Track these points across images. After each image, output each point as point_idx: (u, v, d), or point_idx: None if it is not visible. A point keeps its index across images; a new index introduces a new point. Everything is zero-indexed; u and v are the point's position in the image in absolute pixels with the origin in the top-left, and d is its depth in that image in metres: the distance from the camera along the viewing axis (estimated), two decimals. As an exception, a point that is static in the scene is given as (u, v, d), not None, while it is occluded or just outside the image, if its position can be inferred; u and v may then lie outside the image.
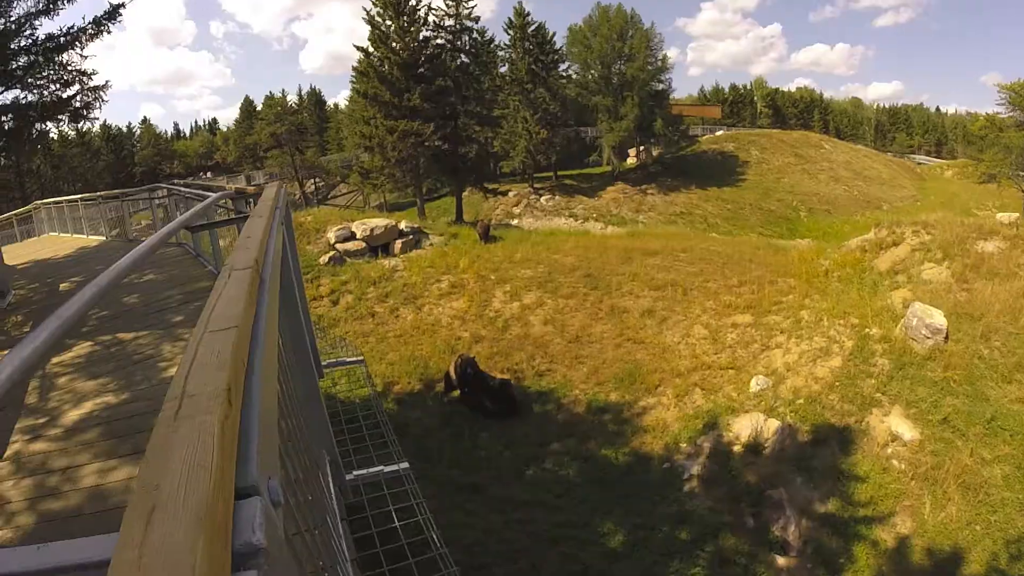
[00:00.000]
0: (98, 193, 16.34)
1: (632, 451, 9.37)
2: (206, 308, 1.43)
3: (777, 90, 79.79)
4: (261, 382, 1.30)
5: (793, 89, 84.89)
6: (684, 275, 14.92)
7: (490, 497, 8.37)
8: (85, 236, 15.52)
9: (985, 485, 7.67)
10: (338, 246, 16.61)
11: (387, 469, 5.60)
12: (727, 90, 76.42)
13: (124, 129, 69.96)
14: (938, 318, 9.75)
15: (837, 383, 9.59)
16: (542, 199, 39.21)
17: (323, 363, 7.95)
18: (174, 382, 1.03)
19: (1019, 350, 9.45)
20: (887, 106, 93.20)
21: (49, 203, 18.28)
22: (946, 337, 9.69)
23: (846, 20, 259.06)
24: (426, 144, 29.04)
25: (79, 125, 13.89)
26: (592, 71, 42.00)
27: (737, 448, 9.09)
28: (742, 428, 9.34)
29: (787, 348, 11.05)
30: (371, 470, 5.54)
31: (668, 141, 41.68)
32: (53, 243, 15.61)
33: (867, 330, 10.48)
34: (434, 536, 4.96)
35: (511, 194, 38.30)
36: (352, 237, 17.04)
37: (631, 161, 45.58)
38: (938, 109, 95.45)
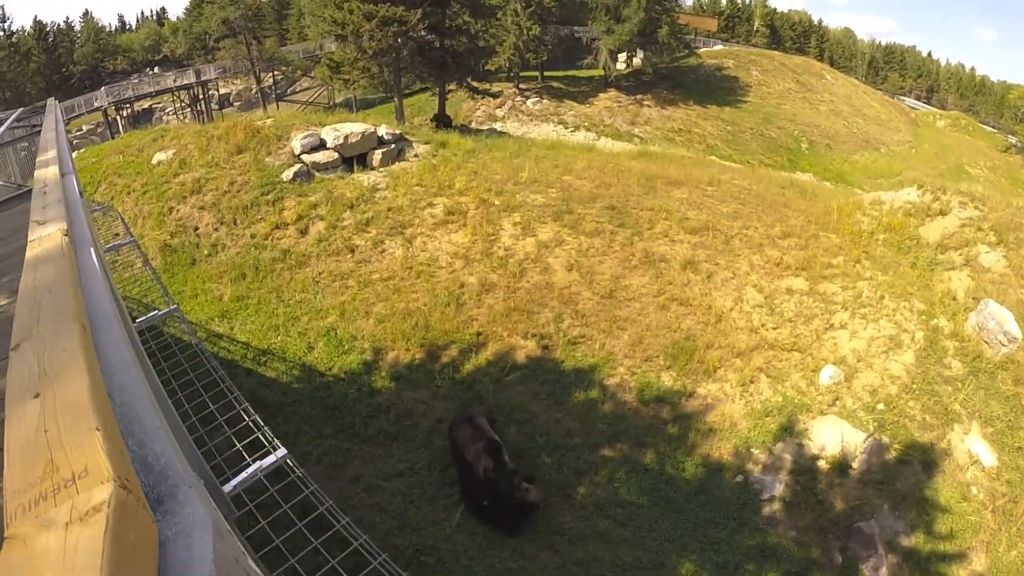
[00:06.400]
0: None
1: (700, 459, 7.50)
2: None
3: (775, 10, 75.45)
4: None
5: (786, 10, 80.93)
6: (720, 217, 12.71)
7: (536, 526, 6.31)
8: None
9: (1054, 527, 7.33)
10: (305, 157, 13.51)
11: (265, 463, 4.00)
12: (724, 3, 71.61)
13: (62, 25, 61.90)
14: (1014, 325, 9.26)
15: (915, 386, 8.88)
16: (528, 102, 35.57)
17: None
18: None
19: (1079, 372, 9.02)
20: (883, 43, 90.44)
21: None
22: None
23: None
24: (410, 34, 24.79)
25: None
26: (595, -36, 37.50)
27: (822, 464, 7.93)
28: (825, 438, 8.19)
29: (853, 331, 9.92)
30: (248, 472, 3.84)
31: (671, 50, 37.95)
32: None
33: (935, 321, 9.91)
34: (343, 522, 4.25)
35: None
36: (322, 146, 13.91)
37: (620, 67, 41.87)
38: (930, 55, 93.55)
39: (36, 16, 60.85)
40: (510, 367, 8.39)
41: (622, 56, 41.58)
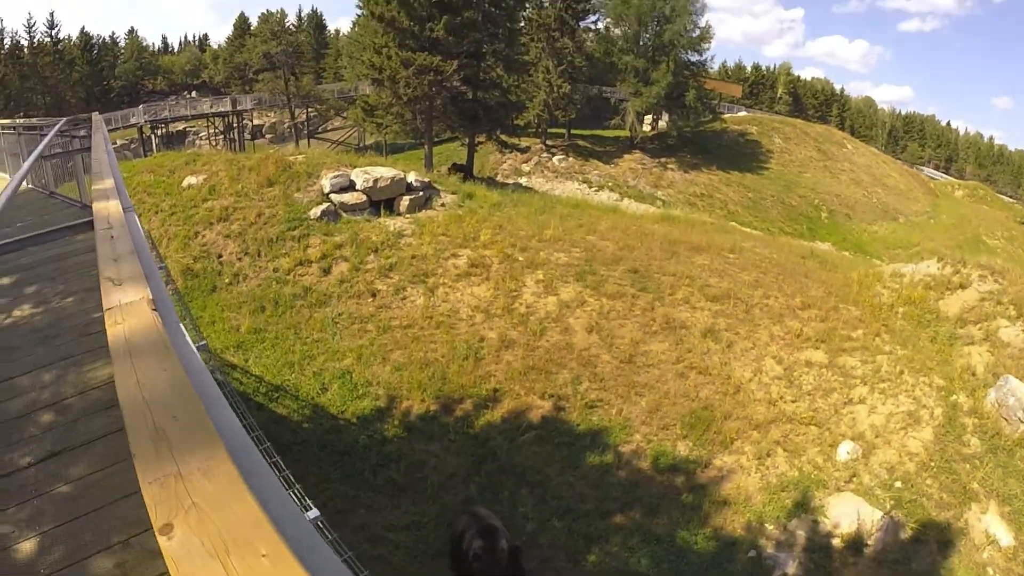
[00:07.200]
0: (18, 121, 13.11)
1: (712, 532, 7.35)
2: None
3: (798, 78, 76.87)
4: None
5: (809, 78, 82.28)
6: (741, 285, 12.70)
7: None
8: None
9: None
10: (333, 197, 13.73)
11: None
12: (749, 69, 73.16)
13: (107, 39, 64.23)
14: (1033, 401, 8.97)
15: (933, 463, 8.75)
16: (554, 159, 36.17)
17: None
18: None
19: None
20: (903, 112, 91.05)
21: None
22: (1035, 422, 9.06)
23: (871, 18, 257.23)
24: (445, 84, 25.51)
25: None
26: (624, 27, 38.48)
27: (837, 542, 7.72)
28: (840, 515, 7.99)
29: (871, 406, 9.81)
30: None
31: (697, 114, 38.63)
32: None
33: (954, 397, 9.78)
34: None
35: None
36: (351, 187, 14.13)
37: (646, 128, 42.62)
38: (949, 124, 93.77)
39: (84, 27, 62.90)
40: (525, 426, 8.32)
41: (648, 118, 42.31)
